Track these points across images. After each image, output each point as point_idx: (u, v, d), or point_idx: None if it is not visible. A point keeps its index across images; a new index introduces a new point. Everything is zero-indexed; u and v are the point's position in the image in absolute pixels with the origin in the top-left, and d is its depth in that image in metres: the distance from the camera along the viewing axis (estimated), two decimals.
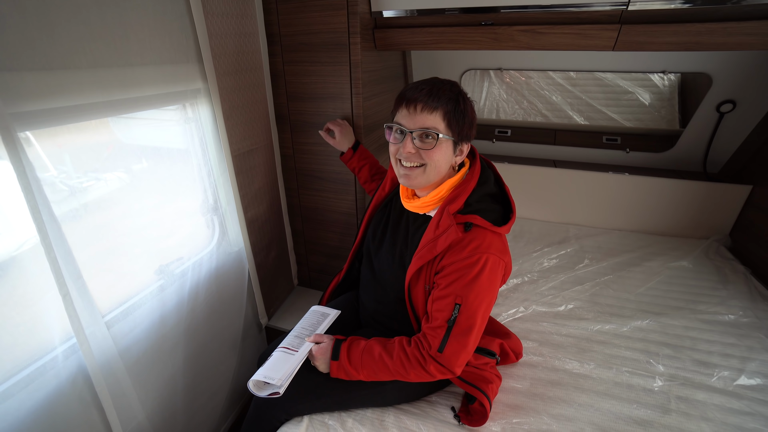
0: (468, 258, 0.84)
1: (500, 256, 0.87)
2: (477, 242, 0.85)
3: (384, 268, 1.05)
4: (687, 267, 1.67)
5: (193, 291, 1.28)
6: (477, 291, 0.85)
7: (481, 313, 0.88)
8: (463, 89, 0.90)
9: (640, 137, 2.19)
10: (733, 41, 1.16)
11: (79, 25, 0.82)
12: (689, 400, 1.06)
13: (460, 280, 0.85)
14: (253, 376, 0.94)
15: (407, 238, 1.01)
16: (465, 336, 0.87)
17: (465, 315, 0.86)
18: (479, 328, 0.89)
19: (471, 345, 0.89)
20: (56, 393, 0.89)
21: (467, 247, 0.85)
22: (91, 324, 0.93)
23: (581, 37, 1.30)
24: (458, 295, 0.85)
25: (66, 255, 0.85)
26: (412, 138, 0.87)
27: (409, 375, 0.91)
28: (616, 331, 1.33)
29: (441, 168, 0.90)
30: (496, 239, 0.88)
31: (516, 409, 1.04)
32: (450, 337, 0.87)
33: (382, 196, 1.13)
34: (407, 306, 0.98)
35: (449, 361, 0.88)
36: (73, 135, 0.96)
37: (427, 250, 0.88)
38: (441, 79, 0.90)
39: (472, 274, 0.84)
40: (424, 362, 0.89)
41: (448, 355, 0.87)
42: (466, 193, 0.90)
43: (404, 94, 0.89)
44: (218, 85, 1.22)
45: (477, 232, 0.86)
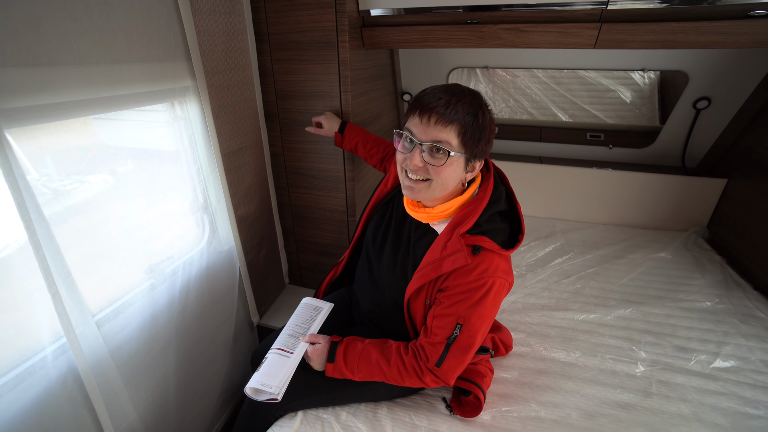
0: (475, 281, 0.82)
1: (505, 278, 0.86)
2: (484, 266, 0.82)
3: (383, 274, 1.02)
4: (667, 258, 1.73)
5: (184, 290, 1.27)
6: (480, 313, 0.84)
7: (482, 333, 0.88)
8: (485, 101, 0.83)
9: (622, 134, 2.26)
10: (705, 40, 1.21)
11: (65, 20, 0.82)
12: (669, 384, 1.10)
13: (464, 302, 0.84)
14: (250, 383, 0.93)
15: (409, 246, 0.98)
16: (464, 353, 0.87)
17: (466, 335, 0.85)
18: (478, 346, 0.89)
19: (468, 361, 0.90)
20: (46, 393, 0.88)
21: (474, 271, 0.82)
22: (81, 323, 0.92)
23: (563, 36, 1.33)
24: (461, 316, 0.84)
25: (55, 253, 0.85)
26: (422, 151, 0.81)
27: (404, 382, 0.92)
28: (600, 320, 1.37)
29: (448, 185, 0.85)
30: (503, 261, 0.86)
31: (505, 398, 1.07)
32: (449, 353, 0.86)
33: (384, 193, 1.09)
34: (405, 316, 0.98)
35: (446, 374, 0.89)
36: (55, 136, 0.94)
37: (432, 268, 0.85)
38: (462, 88, 0.82)
39: (477, 296, 0.83)
40: (421, 373, 0.90)
41: (446, 369, 0.88)
42: (477, 213, 0.85)
43: (420, 100, 0.81)
44: (207, 83, 1.22)
45: (485, 256, 0.83)
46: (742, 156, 1.78)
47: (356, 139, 1.39)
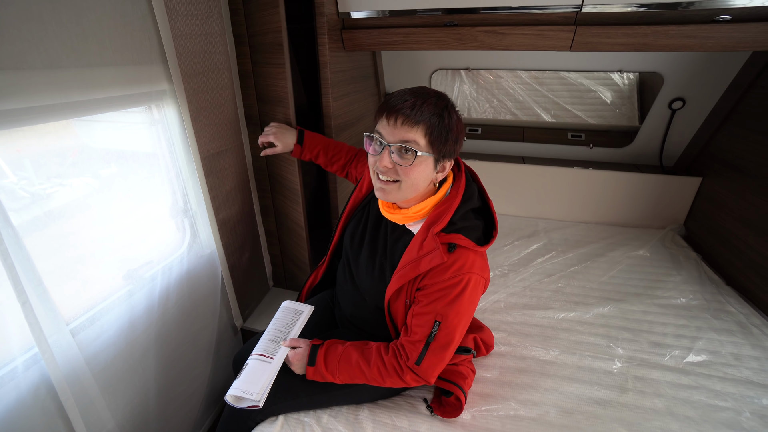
0: (451, 279, 0.84)
1: (481, 274, 0.87)
2: (460, 263, 0.84)
3: (363, 278, 1.04)
4: (645, 255, 1.77)
5: (164, 295, 1.26)
6: (457, 310, 0.86)
7: (460, 330, 0.89)
8: (451, 102, 0.85)
9: (602, 133, 2.30)
10: (675, 43, 1.24)
11: (31, 24, 0.80)
12: (644, 379, 1.13)
13: (441, 300, 0.85)
14: (230, 390, 0.92)
15: (386, 248, 0.99)
16: (443, 351, 0.89)
17: (444, 332, 0.86)
18: (456, 343, 0.90)
19: (447, 358, 0.91)
20: (16, 405, 0.86)
21: (450, 268, 0.84)
22: (55, 332, 0.91)
23: (540, 38, 1.36)
24: (439, 314, 0.86)
25: (25, 261, 0.83)
26: (390, 152, 0.83)
27: (385, 382, 0.93)
28: (580, 318, 1.40)
29: (418, 185, 0.86)
30: (479, 258, 0.88)
31: (485, 398, 1.08)
32: (428, 351, 0.88)
33: (360, 198, 1.10)
34: (386, 317, 0.99)
35: (426, 372, 0.90)
36: (34, 139, 0.93)
37: (410, 269, 0.87)
38: (428, 90, 0.85)
39: (454, 294, 0.84)
40: (401, 372, 0.90)
41: (425, 367, 0.89)
42: (451, 211, 0.87)
43: (387, 103, 0.84)
44: (184, 86, 1.21)
45: (460, 253, 0.85)
46: (715, 155, 1.83)
47: (318, 147, 1.33)
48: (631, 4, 1.20)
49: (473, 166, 2.21)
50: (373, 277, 1.00)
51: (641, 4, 1.19)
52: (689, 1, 1.15)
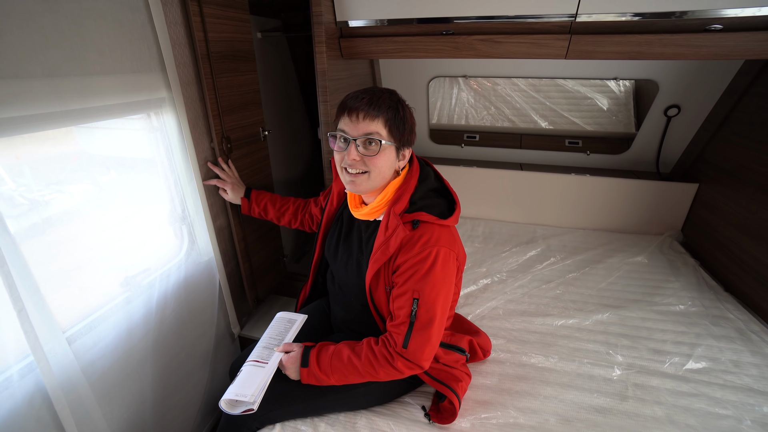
0: (419, 254, 0.88)
1: (450, 248, 0.90)
2: (426, 237, 0.88)
3: (345, 280, 1.08)
4: (643, 262, 1.77)
5: (161, 302, 1.25)
6: (432, 283, 0.88)
7: (440, 305, 0.90)
8: (401, 97, 0.94)
9: (599, 140, 2.31)
10: (668, 51, 1.26)
11: (31, 33, 0.81)
12: (644, 387, 1.12)
13: (414, 276, 0.88)
14: (224, 395, 0.92)
15: (361, 246, 1.02)
16: (427, 329, 0.90)
17: (424, 308, 0.89)
18: (440, 320, 0.91)
19: (434, 337, 0.92)
20: (11, 414, 0.85)
21: (417, 243, 0.88)
22: (50, 340, 0.90)
23: (536, 46, 1.37)
24: (415, 290, 0.88)
25: (21, 268, 0.83)
26: (356, 145, 0.89)
27: (379, 374, 0.93)
28: (578, 325, 1.39)
29: (385, 173, 0.93)
30: (445, 232, 0.92)
31: (485, 405, 1.07)
32: (413, 331, 0.89)
33: (332, 211, 1.14)
34: (371, 309, 1.00)
35: (415, 355, 0.90)
36: (33, 146, 0.93)
37: (381, 252, 0.91)
38: (380, 88, 0.93)
39: (425, 268, 0.87)
40: (391, 359, 0.91)
41: (413, 349, 0.90)
42: (409, 191, 0.93)
43: (346, 103, 0.91)
44: (183, 93, 1.22)
45: (425, 228, 0.90)
46: (711, 162, 1.84)
47: (265, 199, 1.37)
48: (625, 14, 1.22)
49: (472, 172, 2.24)
50: (352, 276, 1.03)
51: (636, 13, 1.21)
52: (682, 10, 1.17)
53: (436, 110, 2.54)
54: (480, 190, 2.25)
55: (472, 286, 1.63)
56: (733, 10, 1.13)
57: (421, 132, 2.41)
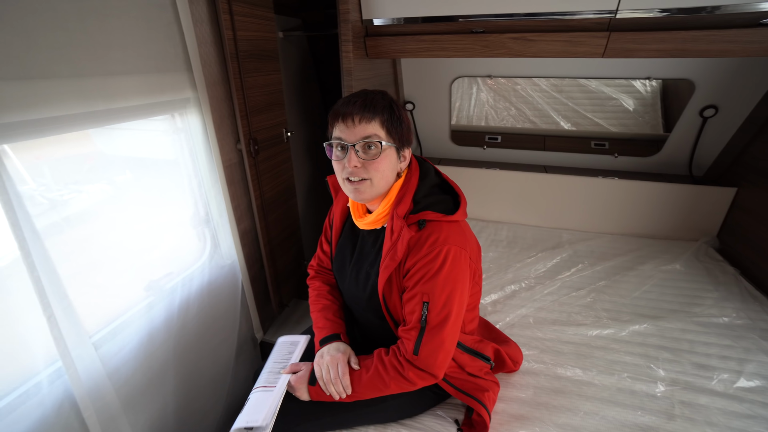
0: (428, 254, 0.83)
1: (461, 246, 0.85)
2: (434, 236, 0.84)
3: (357, 296, 1.00)
4: (679, 270, 1.69)
5: (184, 307, 1.23)
6: (443, 285, 0.83)
7: (453, 307, 0.85)
8: (393, 97, 0.89)
9: (627, 142, 2.23)
10: (715, 48, 1.19)
11: (58, 32, 0.79)
12: (692, 405, 1.05)
13: (424, 278, 0.83)
14: (234, 424, 0.88)
15: (370, 257, 0.96)
16: (439, 333, 0.84)
17: (435, 311, 0.83)
18: (453, 324, 0.86)
19: (448, 343, 0.86)
20: (40, 422, 0.83)
21: (426, 243, 0.83)
22: (78, 345, 0.88)
23: (571, 45, 1.31)
24: (424, 293, 0.83)
25: (50, 274, 0.81)
26: (356, 151, 0.84)
27: (390, 386, 0.88)
28: (614, 336, 1.33)
29: (388, 177, 0.88)
30: (454, 228, 0.87)
31: (521, 420, 1.02)
32: (424, 336, 0.84)
33: (338, 231, 1.06)
34: (387, 318, 0.95)
35: (427, 362, 0.85)
36: (53, 147, 0.91)
37: (390, 258, 0.86)
38: (371, 90, 0.89)
39: (435, 268, 0.82)
40: (401, 369, 0.86)
41: (425, 356, 0.85)
42: (411, 191, 0.88)
43: (338, 109, 0.86)
44: (208, 94, 1.20)
45: (433, 227, 0.85)
46: (751, 165, 1.75)
47: (338, 317, 1.06)
48: (670, 9, 1.15)
49: (494, 175, 2.18)
50: (364, 287, 0.97)
51: (681, 8, 1.15)
52: (734, 3, 1.10)
53: (456, 111, 2.49)
54: (503, 193, 2.19)
55: (499, 293, 1.57)
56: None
57: (442, 133, 2.36)
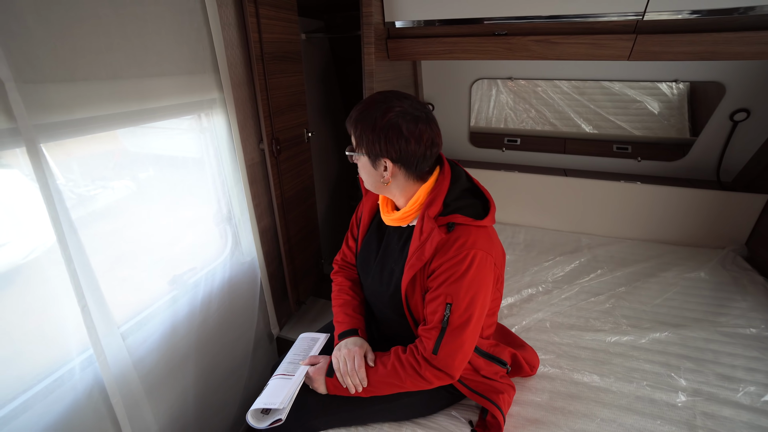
0: (455, 257, 0.84)
1: (488, 251, 0.86)
2: (462, 240, 0.85)
3: (379, 292, 1.02)
4: (703, 278, 1.65)
5: (206, 301, 1.27)
6: (467, 288, 0.84)
7: (476, 310, 0.86)
8: (394, 106, 0.84)
9: (651, 146, 2.18)
10: (750, 51, 1.15)
11: (100, 37, 0.83)
12: (716, 417, 1.03)
13: (449, 280, 0.84)
14: (253, 405, 0.92)
15: (395, 254, 0.98)
16: (459, 335, 0.85)
17: (457, 313, 0.85)
18: (474, 327, 0.87)
19: (467, 344, 0.87)
20: (73, 406, 0.88)
21: (453, 246, 0.85)
22: (107, 335, 0.93)
23: (596, 47, 1.30)
24: (448, 294, 0.84)
25: (84, 267, 0.85)
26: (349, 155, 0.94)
27: (405, 384, 0.89)
28: (634, 343, 1.30)
29: (372, 184, 0.95)
30: (482, 233, 0.87)
31: (536, 424, 1.01)
32: (444, 337, 0.85)
33: (365, 226, 1.09)
34: (408, 317, 0.96)
35: (445, 362, 0.86)
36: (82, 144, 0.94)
37: (416, 258, 0.88)
38: (375, 97, 0.88)
39: (460, 271, 0.84)
40: (419, 367, 0.87)
41: (443, 356, 0.86)
42: (443, 193, 0.90)
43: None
44: (233, 94, 1.23)
45: (461, 230, 0.86)
46: None
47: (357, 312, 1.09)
48: (701, 11, 1.12)
49: (513, 177, 2.16)
50: (387, 284, 0.99)
51: (712, 10, 1.12)
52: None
53: (474, 112, 2.48)
54: (522, 195, 2.17)
55: (516, 296, 1.56)
56: None
57: (461, 135, 2.35)
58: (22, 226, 0.82)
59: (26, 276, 0.82)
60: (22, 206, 0.80)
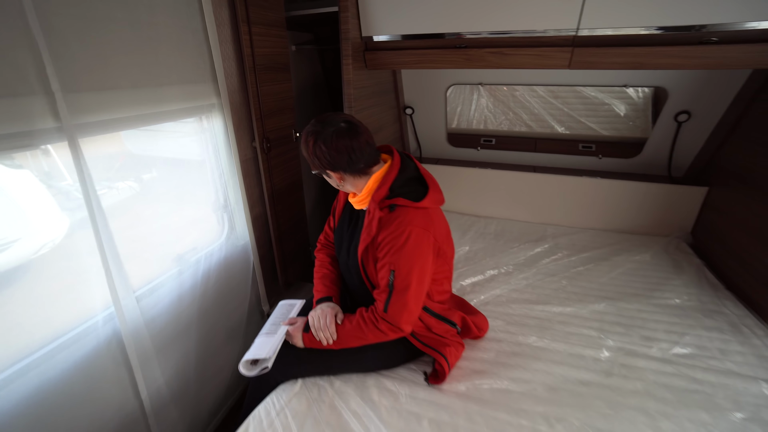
0: (394, 231, 1.04)
1: (424, 228, 1.04)
2: (401, 218, 1.04)
3: (348, 263, 1.23)
4: (648, 260, 1.85)
5: (205, 277, 1.48)
6: (406, 258, 1.04)
7: (414, 276, 1.05)
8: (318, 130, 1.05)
9: (612, 144, 2.38)
10: (667, 62, 1.36)
11: (122, 54, 1.05)
12: (630, 367, 1.22)
13: (391, 251, 1.04)
14: (243, 358, 1.13)
15: (358, 231, 1.19)
16: (402, 295, 1.05)
17: (399, 278, 1.04)
18: (415, 290, 1.06)
19: (411, 304, 1.07)
20: (96, 351, 1.08)
21: (393, 223, 1.04)
22: (126, 297, 1.13)
23: (541, 58, 1.51)
24: (392, 263, 1.04)
25: (109, 240, 1.06)
26: None
27: (367, 336, 1.10)
28: (576, 313, 1.50)
29: (334, 186, 1.16)
30: (420, 213, 1.06)
31: (480, 374, 1.21)
32: (391, 298, 1.06)
33: (339, 209, 1.31)
34: (366, 282, 1.17)
35: (394, 318, 1.07)
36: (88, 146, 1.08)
37: (366, 233, 1.08)
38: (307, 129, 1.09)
39: (399, 243, 1.03)
40: (376, 322, 1.08)
41: (392, 313, 1.06)
42: (389, 181, 1.08)
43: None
44: (229, 100, 1.45)
45: (401, 211, 1.05)
46: (722, 166, 1.89)
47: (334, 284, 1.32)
48: (622, 27, 1.34)
49: (486, 173, 2.37)
50: (353, 257, 1.19)
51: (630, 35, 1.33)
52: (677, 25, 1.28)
53: (456, 115, 2.68)
54: (494, 190, 2.38)
55: (479, 276, 1.76)
56: (729, 22, 1.22)
57: (439, 136, 2.56)
58: (60, 213, 1.03)
59: (65, 250, 1.03)
60: (60, 196, 1.02)
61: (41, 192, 1.00)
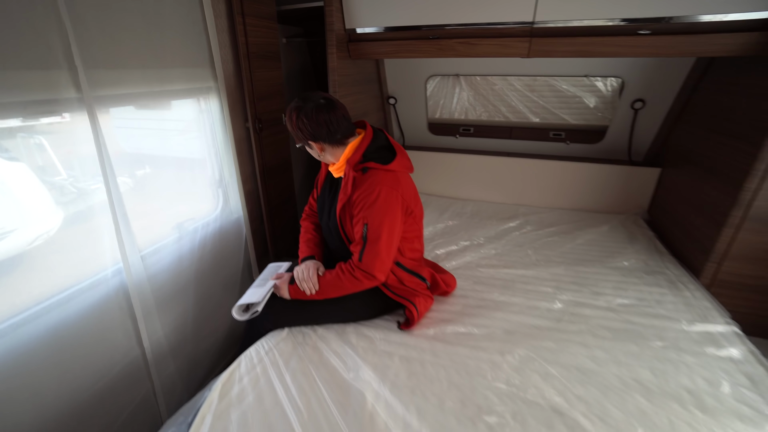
0: (366, 189, 1.19)
1: (392, 187, 1.20)
2: (372, 179, 1.20)
3: (329, 225, 1.38)
4: (606, 232, 2.04)
5: (202, 243, 1.63)
6: (377, 212, 1.19)
7: (385, 229, 1.19)
8: (296, 108, 1.19)
9: (579, 132, 2.58)
10: (609, 50, 1.55)
11: (134, 39, 1.21)
12: (578, 315, 1.40)
13: (364, 207, 1.20)
14: (236, 303, 1.29)
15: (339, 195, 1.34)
16: (375, 245, 1.21)
17: (371, 231, 1.20)
18: (386, 241, 1.21)
19: (383, 254, 1.22)
20: (106, 299, 1.23)
21: (365, 183, 1.20)
22: (132, 254, 1.28)
23: (503, 47, 1.69)
24: (364, 217, 1.20)
25: (119, 203, 1.21)
26: None
27: (345, 285, 1.25)
28: (537, 275, 1.68)
29: (315, 156, 1.30)
30: (389, 175, 1.21)
31: (446, 321, 1.38)
32: (365, 248, 1.22)
33: (322, 178, 1.46)
34: (343, 238, 1.33)
35: (368, 266, 1.22)
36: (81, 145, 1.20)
37: (343, 193, 1.24)
38: (291, 105, 1.22)
39: (370, 200, 1.19)
40: (352, 271, 1.24)
41: (366, 262, 1.22)
42: (362, 149, 1.23)
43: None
44: (225, 84, 1.61)
45: (372, 173, 1.21)
46: (672, 149, 2.09)
47: (317, 247, 1.48)
48: (571, 20, 1.52)
49: (464, 158, 2.55)
50: (333, 218, 1.34)
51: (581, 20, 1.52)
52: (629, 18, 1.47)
53: (439, 107, 2.86)
54: (471, 174, 2.56)
55: (453, 247, 1.93)
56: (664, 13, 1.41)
57: (420, 124, 2.74)
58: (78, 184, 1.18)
59: (83, 214, 1.18)
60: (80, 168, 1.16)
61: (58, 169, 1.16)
